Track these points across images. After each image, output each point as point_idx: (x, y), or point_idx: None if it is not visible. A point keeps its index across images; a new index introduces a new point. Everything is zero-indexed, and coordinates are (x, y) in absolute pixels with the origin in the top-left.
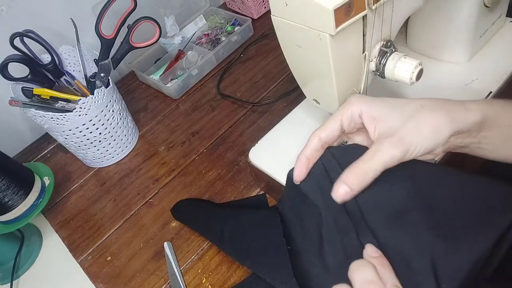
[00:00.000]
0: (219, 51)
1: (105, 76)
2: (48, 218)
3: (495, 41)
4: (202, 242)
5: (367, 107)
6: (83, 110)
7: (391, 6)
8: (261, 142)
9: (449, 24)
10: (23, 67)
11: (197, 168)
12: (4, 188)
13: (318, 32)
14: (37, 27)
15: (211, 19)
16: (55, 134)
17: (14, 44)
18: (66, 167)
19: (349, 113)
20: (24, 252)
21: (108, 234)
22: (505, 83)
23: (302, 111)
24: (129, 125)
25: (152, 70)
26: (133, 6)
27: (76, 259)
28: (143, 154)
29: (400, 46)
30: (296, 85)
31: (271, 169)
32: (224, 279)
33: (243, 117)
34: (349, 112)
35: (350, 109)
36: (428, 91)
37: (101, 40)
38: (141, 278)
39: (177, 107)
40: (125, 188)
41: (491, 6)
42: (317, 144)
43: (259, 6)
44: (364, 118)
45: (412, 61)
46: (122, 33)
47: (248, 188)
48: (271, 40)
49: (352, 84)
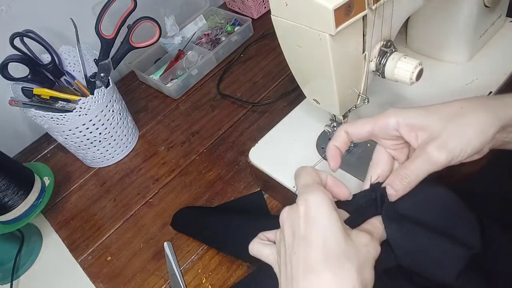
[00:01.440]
0: (219, 51)
1: (105, 76)
2: (48, 218)
3: (495, 41)
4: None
5: (403, 118)
6: (83, 110)
7: (391, 6)
8: (261, 142)
9: (449, 24)
10: (23, 67)
11: (197, 168)
12: (4, 188)
13: (318, 32)
14: (37, 27)
15: (211, 19)
16: (55, 134)
17: (14, 44)
18: (66, 167)
19: (384, 123)
20: (24, 252)
21: (108, 234)
22: (505, 83)
23: (302, 111)
24: (129, 125)
25: (152, 70)
26: (133, 6)
27: (76, 259)
28: (143, 154)
29: (400, 46)
30: (296, 85)
31: (271, 169)
32: (224, 279)
33: (243, 117)
34: (384, 122)
35: (386, 120)
36: (428, 91)
37: (101, 40)
38: (141, 278)
39: (177, 107)
40: (125, 188)
41: (491, 6)
42: (344, 136)
43: (259, 6)
44: (402, 131)
45: (412, 61)
46: (122, 33)
47: (248, 188)
48: (271, 40)
49: (352, 84)
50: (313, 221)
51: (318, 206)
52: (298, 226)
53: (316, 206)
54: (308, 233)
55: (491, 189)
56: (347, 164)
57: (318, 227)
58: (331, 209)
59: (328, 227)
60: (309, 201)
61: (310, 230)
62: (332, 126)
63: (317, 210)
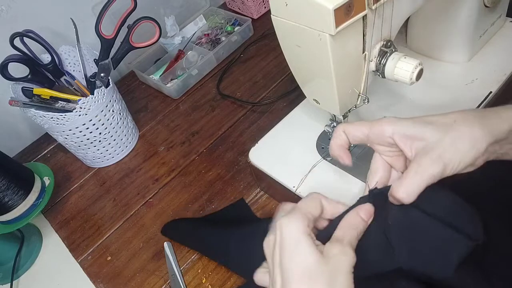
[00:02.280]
0: (219, 51)
1: (105, 76)
2: (48, 218)
3: (495, 41)
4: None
5: (399, 127)
6: (83, 110)
7: (391, 6)
8: (261, 142)
9: (449, 24)
10: (23, 67)
11: (197, 168)
12: (4, 188)
13: (318, 32)
14: (37, 27)
15: (211, 19)
16: (55, 134)
17: (14, 44)
18: (66, 167)
19: (379, 130)
20: (24, 252)
21: (108, 234)
22: (505, 83)
23: (302, 111)
24: (129, 125)
25: (152, 70)
26: (133, 6)
27: (76, 259)
28: (143, 154)
29: (400, 46)
30: (296, 85)
31: (271, 169)
32: (224, 279)
33: (243, 117)
34: (380, 129)
35: (381, 127)
36: (428, 91)
37: (101, 40)
38: (141, 278)
39: (177, 107)
40: (125, 188)
41: (491, 6)
42: (343, 135)
43: (259, 6)
44: (396, 138)
45: (412, 61)
46: (122, 33)
47: (248, 188)
48: (271, 40)
49: (352, 84)
50: (285, 249)
51: (289, 233)
52: (274, 254)
53: (288, 233)
54: (282, 261)
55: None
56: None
57: (290, 254)
58: (300, 233)
59: (298, 253)
60: (282, 228)
61: (283, 257)
62: (332, 126)
63: (288, 237)
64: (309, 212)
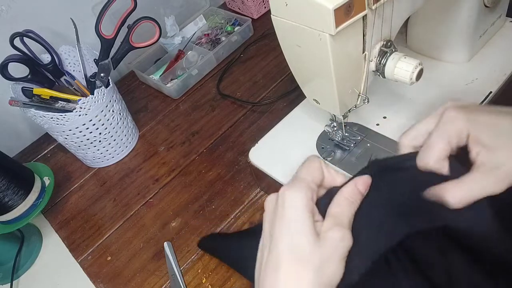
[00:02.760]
0: (219, 51)
1: (105, 76)
2: (48, 218)
3: (495, 41)
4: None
5: (474, 130)
6: (83, 110)
7: (391, 6)
8: (261, 142)
9: (449, 24)
10: (23, 67)
11: (197, 168)
12: (4, 188)
13: (318, 32)
14: (37, 27)
15: (211, 19)
16: (55, 134)
17: (14, 44)
18: (66, 167)
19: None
20: (24, 252)
21: (108, 234)
22: (505, 83)
23: (302, 111)
24: (129, 125)
25: (152, 70)
26: (133, 6)
27: (76, 259)
28: (143, 154)
29: (400, 46)
30: (296, 85)
31: (271, 169)
32: (224, 279)
33: (243, 117)
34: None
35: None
36: (428, 91)
37: (101, 40)
38: (141, 278)
39: (177, 107)
40: (125, 188)
41: (491, 6)
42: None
43: (259, 6)
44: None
45: (412, 61)
46: (122, 33)
47: (248, 188)
48: (271, 40)
49: (352, 84)
50: (283, 222)
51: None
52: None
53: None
54: (277, 231)
55: None
56: (347, 164)
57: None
58: (303, 209)
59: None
60: (285, 198)
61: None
62: (332, 126)
63: (289, 211)
64: (313, 182)
